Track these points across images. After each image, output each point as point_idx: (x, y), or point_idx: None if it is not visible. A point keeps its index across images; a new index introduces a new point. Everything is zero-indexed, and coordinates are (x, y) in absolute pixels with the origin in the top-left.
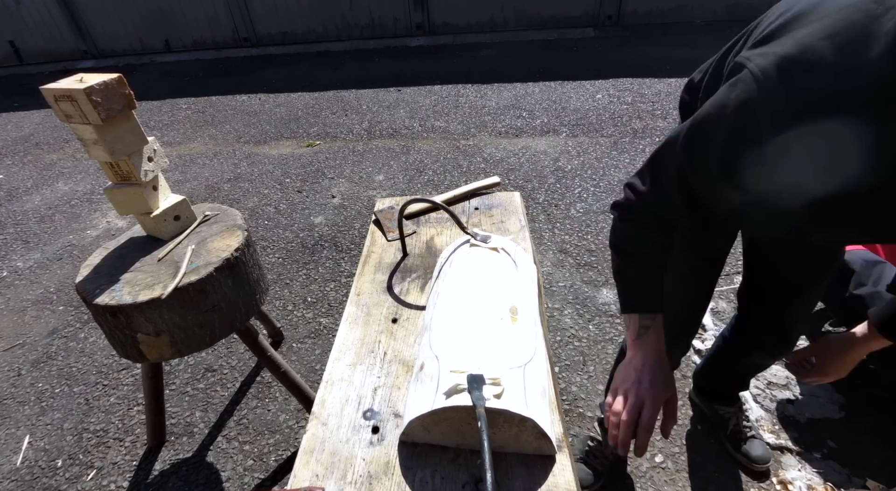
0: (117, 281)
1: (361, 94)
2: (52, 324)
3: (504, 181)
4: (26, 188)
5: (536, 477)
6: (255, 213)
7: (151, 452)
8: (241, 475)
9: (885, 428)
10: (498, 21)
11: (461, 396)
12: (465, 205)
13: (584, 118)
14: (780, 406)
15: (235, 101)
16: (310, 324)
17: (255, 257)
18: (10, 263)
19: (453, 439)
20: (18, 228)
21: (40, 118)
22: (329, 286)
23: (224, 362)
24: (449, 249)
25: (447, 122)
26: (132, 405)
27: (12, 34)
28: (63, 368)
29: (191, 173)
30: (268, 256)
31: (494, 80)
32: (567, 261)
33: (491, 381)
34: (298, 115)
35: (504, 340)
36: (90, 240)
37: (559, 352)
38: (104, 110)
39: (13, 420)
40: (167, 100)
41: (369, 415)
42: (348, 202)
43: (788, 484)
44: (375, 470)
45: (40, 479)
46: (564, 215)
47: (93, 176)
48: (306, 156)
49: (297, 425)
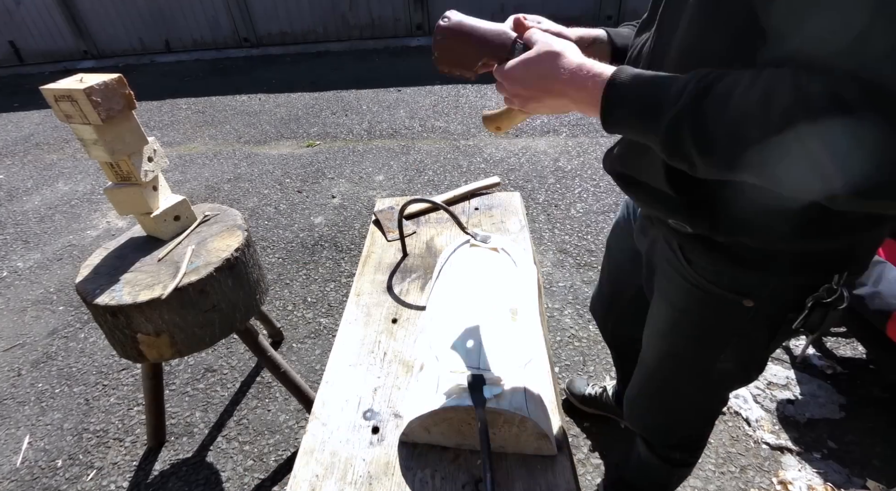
0: (117, 281)
1: (361, 94)
2: (52, 324)
3: (504, 181)
4: (26, 188)
5: (536, 477)
6: (255, 214)
7: (151, 452)
8: (241, 475)
9: (885, 428)
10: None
11: (461, 396)
12: (465, 205)
13: (585, 118)
14: (780, 406)
15: (235, 101)
16: (310, 324)
17: (255, 257)
18: (10, 263)
19: (453, 439)
20: (18, 228)
21: (40, 118)
22: (329, 286)
23: (224, 362)
24: (449, 249)
25: (447, 122)
26: (132, 405)
27: (12, 34)
28: (63, 368)
29: (191, 173)
30: (268, 256)
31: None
32: (567, 261)
33: (491, 381)
34: (298, 115)
35: (504, 340)
36: (90, 240)
37: (559, 352)
38: (104, 110)
39: (13, 420)
40: (167, 100)
41: (369, 415)
42: (348, 202)
43: (788, 484)
44: (375, 470)
45: (40, 479)
46: (564, 215)
47: (93, 176)
48: (306, 156)
49: (297, 425)
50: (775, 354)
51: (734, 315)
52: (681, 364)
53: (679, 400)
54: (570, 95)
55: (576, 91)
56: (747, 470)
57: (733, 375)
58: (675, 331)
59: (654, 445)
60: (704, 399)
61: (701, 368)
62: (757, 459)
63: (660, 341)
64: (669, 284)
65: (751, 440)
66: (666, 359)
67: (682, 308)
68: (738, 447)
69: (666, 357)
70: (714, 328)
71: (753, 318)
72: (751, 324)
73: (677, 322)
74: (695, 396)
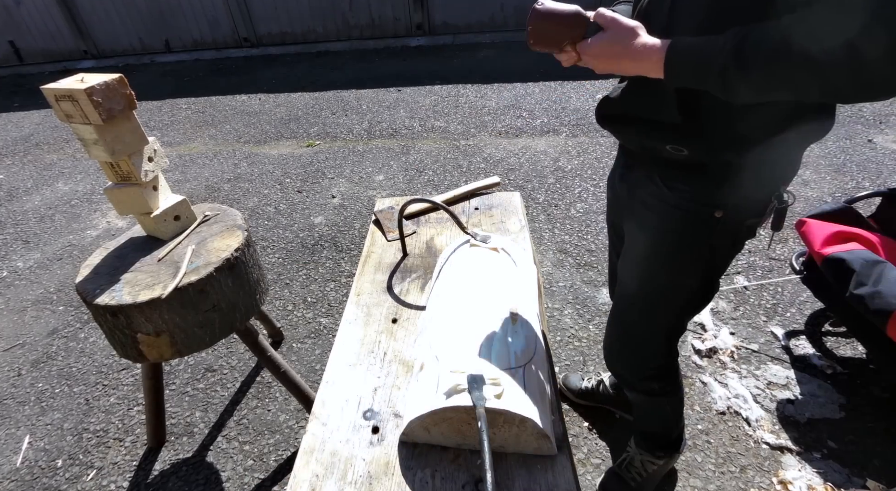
0: (117, 281)
1: (361, 94)
2: (52, 324)
3: (504, 181)
4: (26, 188)
5: (536, 477)
6: (255, 213)
7: (151, 452)
8: (241, 475)
9: (885, 428)
10: (498, 21)
11: (461, 396)
12: (465, 205)
13: (585, 118)
14: (780, 406)
15: (235, 101)
16: (310, 324)
17: (255, 257)
18: (10, 263)
19: (453, 439)
20: (18, 228)
21: (40, 118)
22: (329, 286)
23: (224, 362)
24: (449, 249)
25: (447, 122)
26: (132, 405)
27: (12, 34)
28: (63, 368)
29: (191, 173)
30: (268, 256)
31: (494, 80)
32: (567, 261)
33: (491, 381)
34: (298, 115)
35: (504, 340)
36: (90, 240)
37: (559, 352)
38: (105, 110)
39: (13, 420)
40: (167, 100)
41: (369, 415)
42: (348, 202)
43: (788, 484)
44: (375, 470)
45: (40, 479)
46: (564, 215)
47: (93, 176)
48: (306, 156)
49: (298, 425)
50: (775, 354)
51: (706, 226)
52: (656, 287)
53: (649, 329)
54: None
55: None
56: (747, 470)
57: (695, 293)
58: (655, 254)
59: (634, 383)
60: (670, 325)
61: (673, 286)
62: (757, 458)
63: (637, 269)
64: (651, 213)
65: (751, 440)
66: (645, 283)
67: (664, 229)
68: (738, 447)
69: (644, 282)
70: (688, 242)
71: (721, 227)
72: (718, 233)
73: (657, 244)
74: (662, 322)
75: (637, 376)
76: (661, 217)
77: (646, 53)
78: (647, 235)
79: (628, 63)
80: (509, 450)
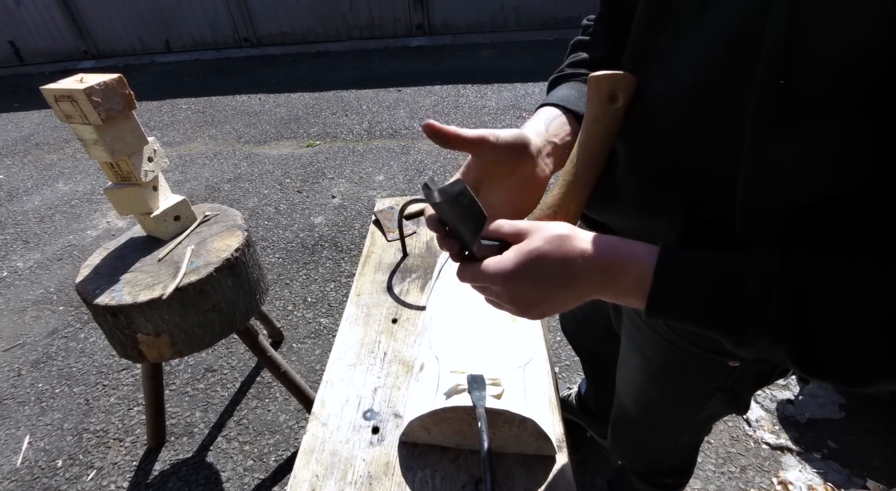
0: (117, 281)
1: (361, 95)
2: (52, 324)
3: None
4: (26, 188)
5: (536, 477)
6: (255, 214)
7: (151, 452)
8: (241, 475)
9: (885, 428)
10: (498, 21)
11: (461, 396)
12: None
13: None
14: (780, 406)
15: (235, 101)
16: (310, 324)
17: (255, 257)
18: (10, 262)
19: (453, 440)
20: (18, 228)
21: (40, 118)
22: (329, 286)
23: (224, 362)
24: None
25: (447, 122)
26: (132, 405)
27: (12, 34)
28: (63, 368)
29: (191, 173)
30: (268, 256)
31: (494, 80)
32: None
33: (491, 381)
34: (298, 115)
35: (504, 341)
36: (90, 240)
37: (559, 352)
38: (104, 111)
39: (13, 420)
40: (167, 100)
41: (369, 415)
42: (348, 202)
43: (788, 484)
44: (375, 470)
45: (40, 479)
46: None
47: (93, 176)
48: (306, 156)
49: (298, 426)
50: None
51: (718, 372)
52: (662, 413)
53: (663, 440)
54: (595, 282)
55: (605, 276)
56: (747, 470)
57: (720, 414)
58: (654, 384)
59: (645, 475)
60: (689, 436)
61: (684, 416)
62: (757, 459)
63: (637, 392)
64: (643, 338)
65: (751, 440)
66: (646, 408)
67: (660, 364)
68: (738, 447)
69: (646, 407)
70: (696, 385)
71: (740, 375)
72: (736, 380)
73: (655, 376)
74: (679, 435)
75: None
76: (657, 351)
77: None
78: (643, 361)
79: (578, 281)
80: (509, 450)
